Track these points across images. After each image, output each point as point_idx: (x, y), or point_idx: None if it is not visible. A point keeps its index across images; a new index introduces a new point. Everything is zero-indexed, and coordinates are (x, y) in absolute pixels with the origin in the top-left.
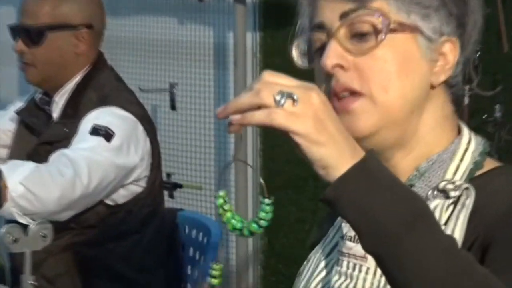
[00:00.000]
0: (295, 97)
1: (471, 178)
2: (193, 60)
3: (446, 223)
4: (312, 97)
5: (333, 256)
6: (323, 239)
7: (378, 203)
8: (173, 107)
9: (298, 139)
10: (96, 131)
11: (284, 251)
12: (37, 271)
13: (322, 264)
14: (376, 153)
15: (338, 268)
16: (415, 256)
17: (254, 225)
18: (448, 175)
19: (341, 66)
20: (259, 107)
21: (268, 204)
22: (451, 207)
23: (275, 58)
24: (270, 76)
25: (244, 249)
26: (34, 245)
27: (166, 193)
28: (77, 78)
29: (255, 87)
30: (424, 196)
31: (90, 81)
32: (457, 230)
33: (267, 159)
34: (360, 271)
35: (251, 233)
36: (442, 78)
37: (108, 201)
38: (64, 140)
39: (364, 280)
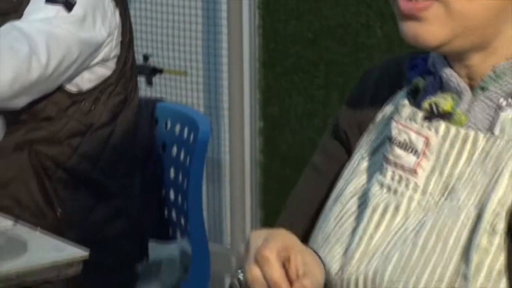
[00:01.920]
0: None
1: None
2: None
3: None
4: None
5: (378, 159)
6: (371, 125)
7: None
8: None
9: None
10: None
11: (289, 152)
12: None
13: (365, 164)
14: (451, 53)
15: (380, 178)
16: None
17: None
18: None
19: None
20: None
21: None
22: None
23: None
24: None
25: (239, 148)
26: None
27: (143, 80)
28: None
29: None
30: (495, 105)
31: None
32: None
33: (269, 38)
34: (406, 187)
35: None
36: None
37: (70, 87)
38: (13, 13)
39: (410, 199)
